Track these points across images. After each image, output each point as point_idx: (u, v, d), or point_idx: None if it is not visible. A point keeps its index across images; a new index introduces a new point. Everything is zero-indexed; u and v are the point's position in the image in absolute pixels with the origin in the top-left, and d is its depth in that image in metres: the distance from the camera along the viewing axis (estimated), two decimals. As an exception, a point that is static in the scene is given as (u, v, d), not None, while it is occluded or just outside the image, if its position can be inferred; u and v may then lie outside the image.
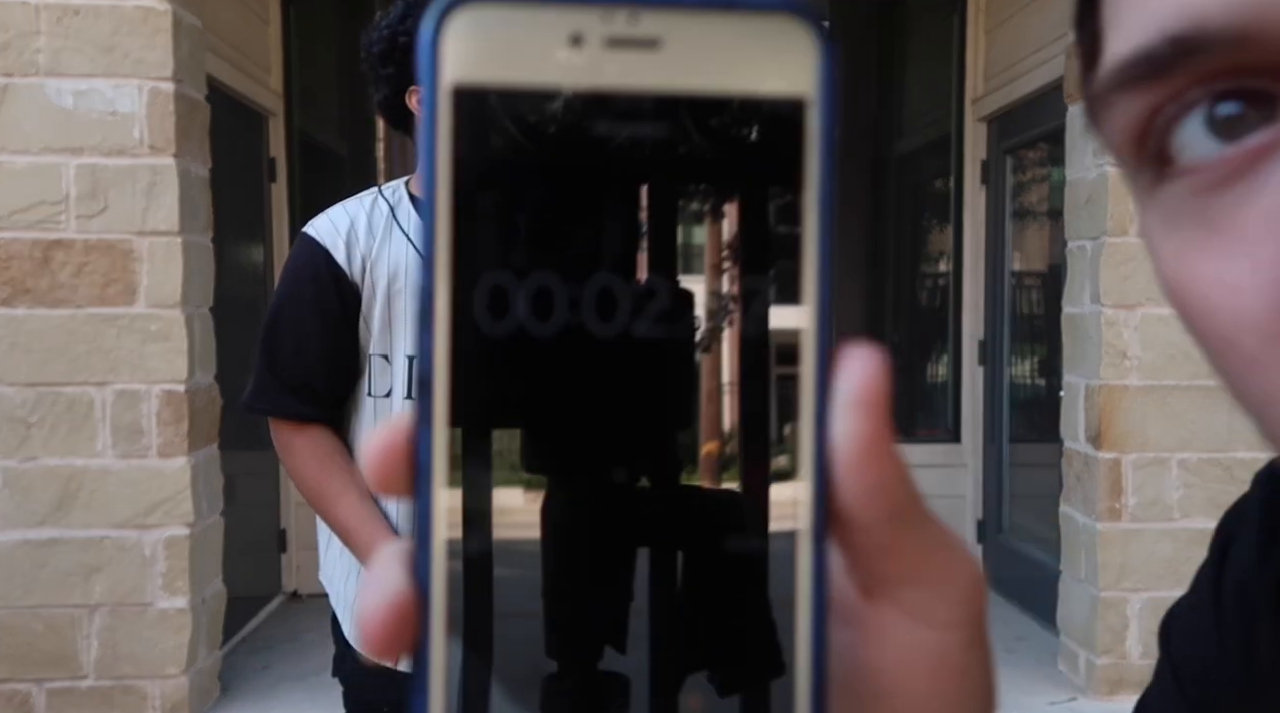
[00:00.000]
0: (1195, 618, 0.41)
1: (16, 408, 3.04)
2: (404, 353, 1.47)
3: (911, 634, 0.21)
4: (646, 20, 0.17)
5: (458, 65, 0.17)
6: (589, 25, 0.17)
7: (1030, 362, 4.56)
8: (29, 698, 3.09)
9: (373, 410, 1.51)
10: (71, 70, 3.01)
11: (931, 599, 0.21)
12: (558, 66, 0.17)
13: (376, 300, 1.48)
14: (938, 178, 4.95)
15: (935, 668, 0.21)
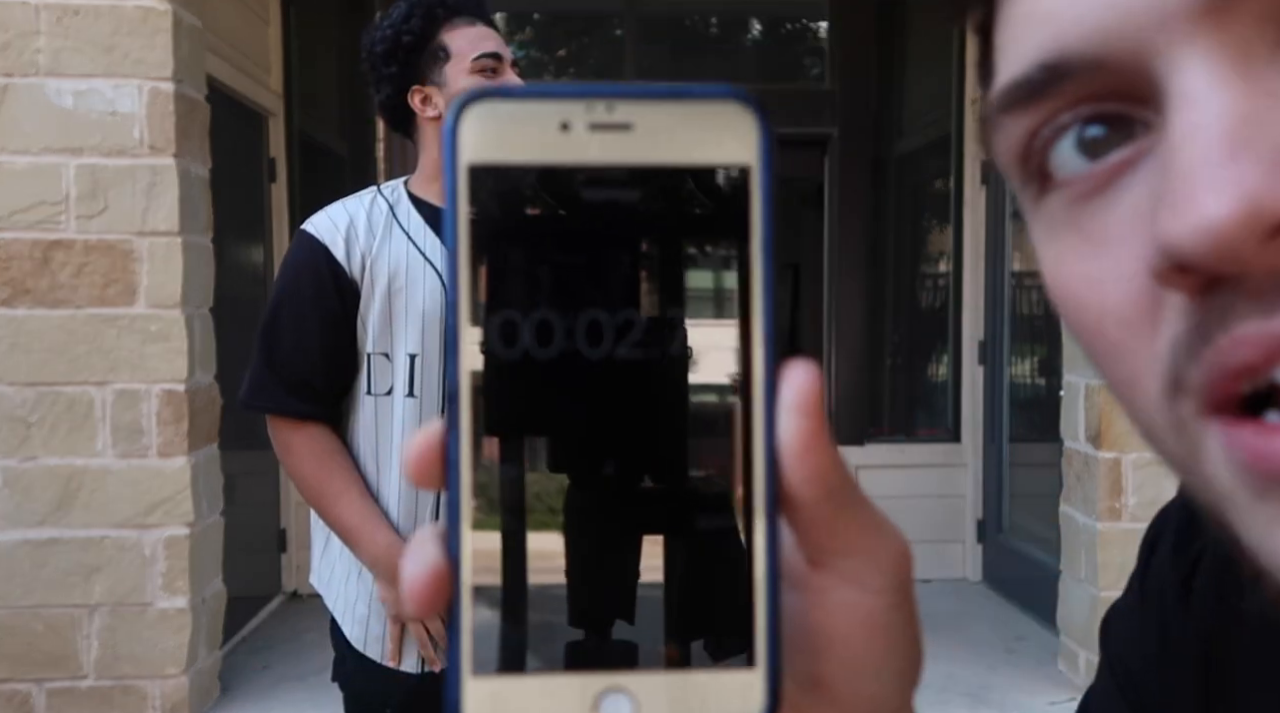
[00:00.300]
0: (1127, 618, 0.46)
1: (16, 408, 3.04)
2: (405, 351, 1.46)
3: (847, 597, 0.25)
4: (620, 109, 0.22)
5: (472, 148, 0.21)
6: (575, 114, 0.21)
7: (1030, 362, 4.56)
8: (29, 698, 3.09)
9: (373, 409, 1.49)
10: (71, 70, 3.01)
11: (863, 568, 0.26)
12: (551, 147, 0.21)
13: (375, 298, 1.47)
14: (938, 178, 4.95)
15: (866, 625, 0.25)
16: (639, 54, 4.91)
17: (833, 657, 0.26)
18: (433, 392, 1.47)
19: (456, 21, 1.52)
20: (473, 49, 1.51)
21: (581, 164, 0.21)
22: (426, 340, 1.46)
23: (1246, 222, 0.21)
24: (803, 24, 5.19)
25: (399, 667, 1.50)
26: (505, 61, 1.53)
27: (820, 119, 4.77)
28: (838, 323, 4.79)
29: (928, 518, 4.79)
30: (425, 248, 1.50)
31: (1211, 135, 0.22)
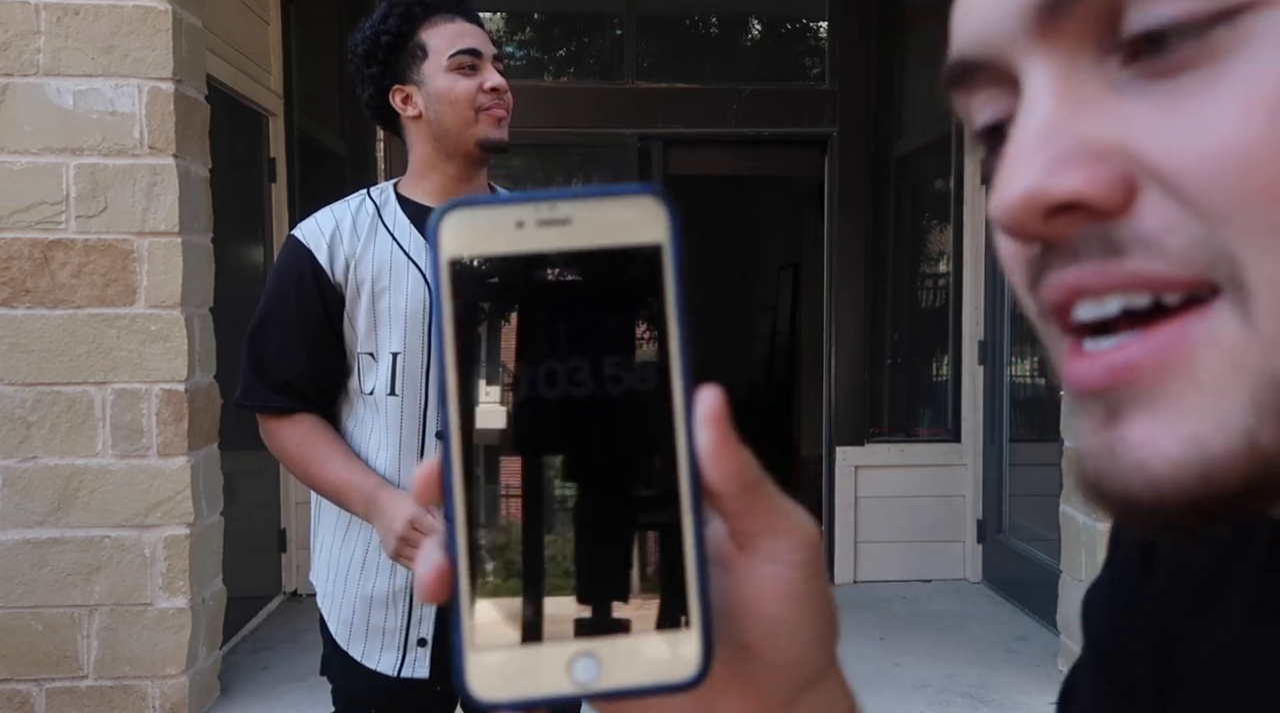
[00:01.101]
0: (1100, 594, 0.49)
1: (16, 408, 3.04)
2: (389, 350, 1.48)
3: (768, 571, 0.30)
4: (561, 207, 0.28)
5: (451, 246, 0.28)
6: (527, 214, 0.28)
7: (1030, 362, 4.56)
8: (29, 698, 3.09)
9: (363, 407, 1.51)
10: (71, 70, 3.01)
11: (779, 547, 0.30)
12: (511, 240, 0.28)
13: (361, 300, 1.48)
14: (938, 178, 4.95)
15: (786, 594, 0.30)
16: (639, 54, 4.91)
17: (760, 623, 0.31)
18: (415, 390, 1.48)
19: (435, 19, 1.53)
20: (449, 46, 1.51)
21: (534, 252, 0.28)
22: (409, 339, 1.47)
23: (1024, 204, 0.28)
24: (803, 24, 5.19)
25: (376, 667, 1.52)
26: (485, 57, 1.53)
27: (820, 119, 4.76)
28: (838, 323, 4.79)
29: (928, 518, 4.79)
30: (409, 248, 1.51)
31: (1025, 135, 0.29)
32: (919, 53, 5.02)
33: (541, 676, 0.27)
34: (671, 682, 0.28)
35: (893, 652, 3.85)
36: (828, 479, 4.80)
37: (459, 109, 1.51)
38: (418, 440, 1.49)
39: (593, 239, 0.28)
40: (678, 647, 0.28)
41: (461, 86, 1.50)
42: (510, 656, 0.27)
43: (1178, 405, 0.27)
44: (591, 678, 0.28)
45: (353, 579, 1.54)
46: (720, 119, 4.76)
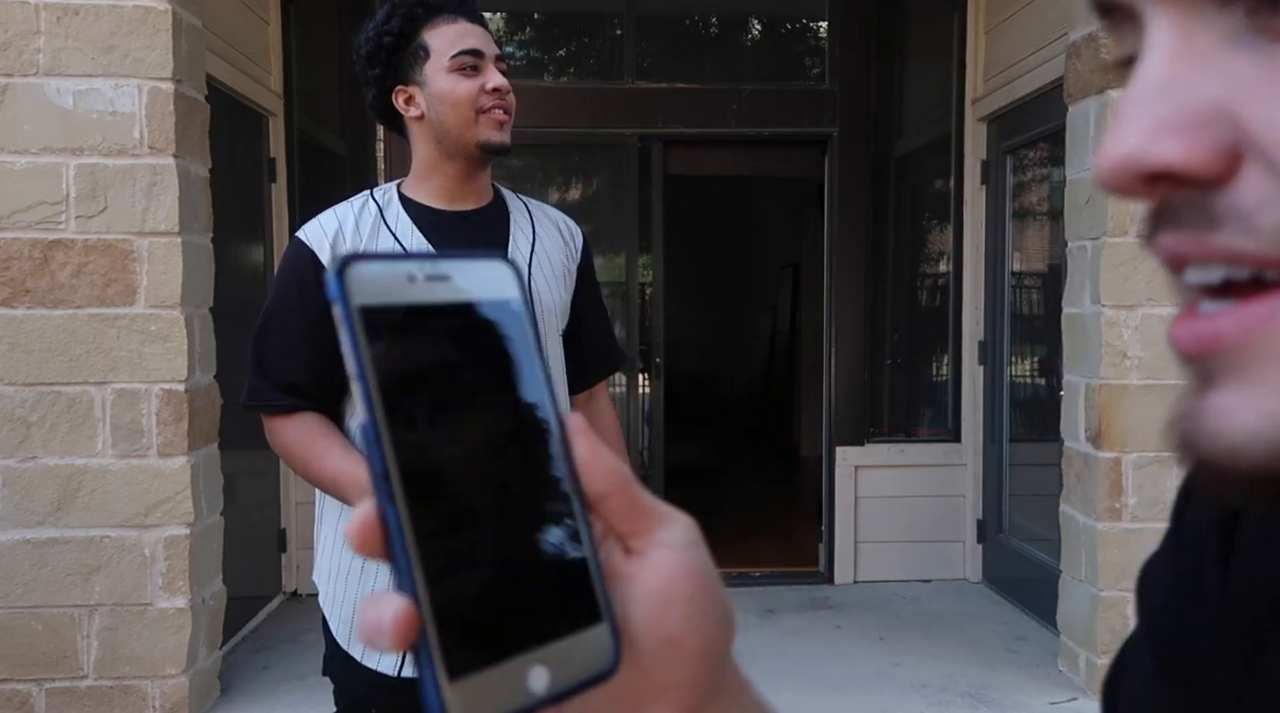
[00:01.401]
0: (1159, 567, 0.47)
1: (16, 408, 3.04)
2: None
3: (666, 557, 0.33)
4: (442, 266, 0.32)
5: (358, 295, 0.30)
6: (417, 270, 0.32)
7: (1030, 362, 4.56)
8: (29, 698, 3.09)
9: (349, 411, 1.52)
10: (71, 70, 3.01)
11: (670, 533, 0.34)
12: (405, 291, 0.31)
13: None
14: (938, 178, 4.95)
15: (690, 573, 0.33)
16: (639, 54, 4.91)
17: (676, 609, 0.33)
18: None
19: (437, 20, 1.53)
20: (451, 47, 1.51)
21: (423, 301, 0.32)
22: None
23: (1122, 169, 0.28)
24: (803, 24, 5.19)
25: (377, 667, 1.52)
26: (487, 58, 1.53)
27: (820, 119, 4.76)
28: (838, 323, 4.79)
29: (928, 518, 4.78)
30: (411, 247, 1.51)
31: (1135, 91, 0.28)
32: (919, 53, 5.02)
33: (507, 694, 0.30)
34: (600, 671, 0.31)
35: (893, 652, 3.85)
36: (828, 479, 4.80)
37: (460, 110, 1.51)
38: None
39: (468, 292, 0.33)
40: (596, 641, 0.32)
41: (463, 88, 1.51)
42: (478, 681, 0.29)
43: (1261, 380, 0.27)
44: (544, 685, 0.30)
45: (353, 580, 1.54)
46: (720, 119, 4.76)
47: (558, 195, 5.11)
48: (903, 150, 5.02)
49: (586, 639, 0.31)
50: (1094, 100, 3.33)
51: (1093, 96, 3.33)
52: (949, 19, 4.76)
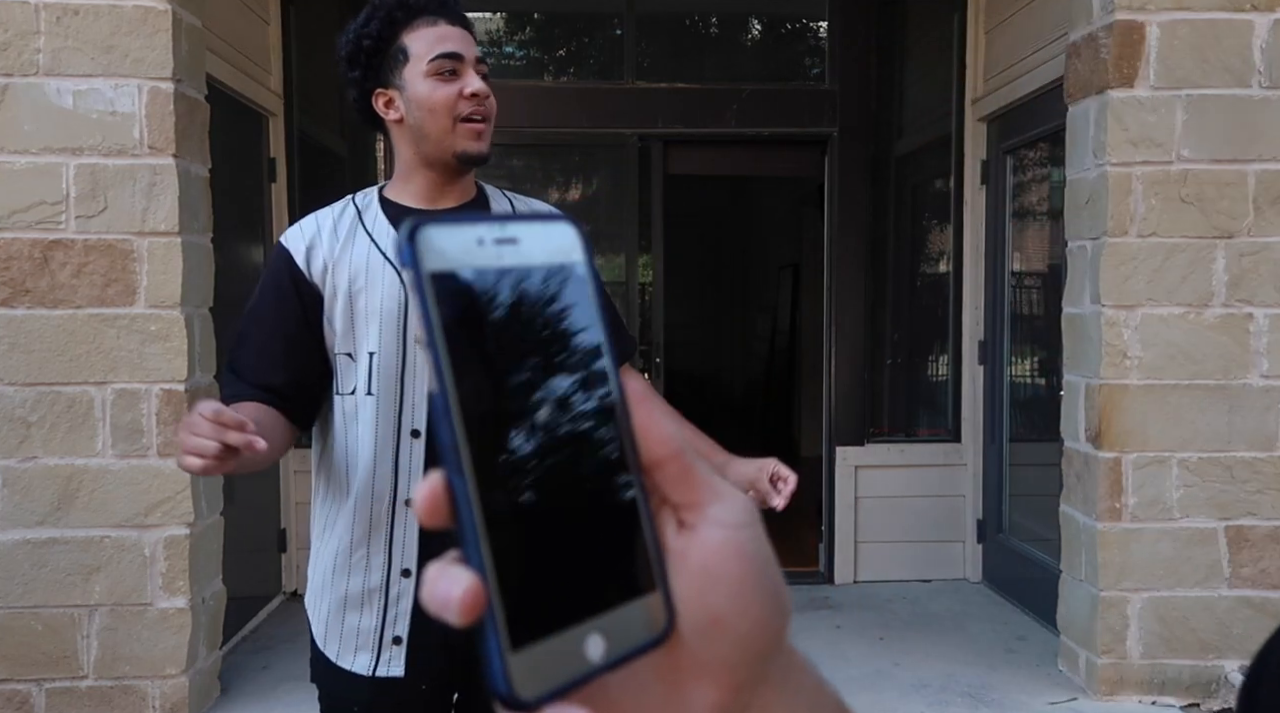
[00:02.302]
0: None
1: (16, 408, 3.04)
2: (366, 350, 1.48)
3: (717, 534, 0.33)
4: (510, 228, 0.32)
5: (429, 261, 0.30)
6: (486, 233, 0.31)
7: (1030, 362, 4.56)
8: (29, 698, 3.09)
9: (341, 409, 1.51)
10: (71, 70, 3.01)
11: (724, 510, 0.33)
12: (473, 255, 0.31)
13: (339, 301, 1.48)
14: (938, 178, 4.95)
15: (738, 554, 0.33)
16: (639, 54, 4.91)
17: (721, 588, 0.32)
18: (390, 389, 1.47)
19: (417, 23, 1.51)
20: (429, 50, 1.49)
21: (493, 264, 0.31)
22: (384, 338, 1.47)
23: None
24: (803, 24, 5.19)
25: (351, 667, 1.52)
26: (466, 61, 1.50)
27: (820, 119, 4.76)
28: (838, 323, 4.79)
29: (928, 518, 4.78)
30: (387, 249, 1.50)
31: None
32: (919, 53, 5.02)
33: (566, 663, 0.30)
34: (651, 639, 0.31)
35: (893, 652, 3.85)
36: (828, 479, 4.80)
37: (438, 117, 1.49)
38: (393, 440, 1.47)
39: (534, 255, 0.32)
40: (649, 609, 0.32)
41: (440, 93, 1.48)
42: (540, 651, 0.29)
43: None
44: (600, 653, 0.30)
45: (328, 580, 1.54)
46: (720, 119, 4.76)
47: (558, 195, 5.11)
48: (903, 150, 5.02)
49: (639, 608, 0.31)
50: (1094, 100, 3.33)
51: (1093, 96, 3.33)
52: (949, 19, 4.76)
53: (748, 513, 0.33)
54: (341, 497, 1.52)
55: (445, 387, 0.29)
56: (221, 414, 1.22)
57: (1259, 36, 3.24)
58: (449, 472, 0.29)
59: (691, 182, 5.61)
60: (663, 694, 0.33)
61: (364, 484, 1.48)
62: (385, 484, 1.48)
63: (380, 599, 1.50)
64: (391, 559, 1.49)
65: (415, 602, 1.49)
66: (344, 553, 1.51)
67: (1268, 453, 3.30)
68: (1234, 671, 3.32)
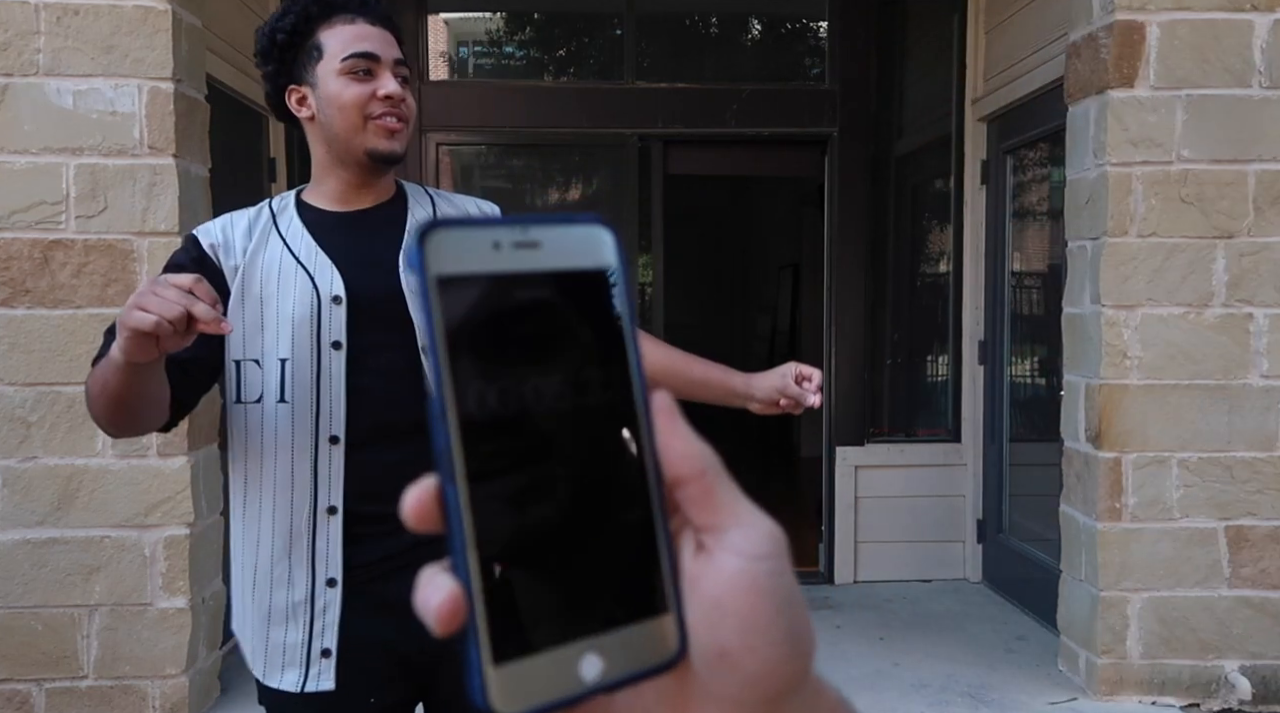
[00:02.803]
0: None
1: (16, 408, 3.04)
2: (276, 356, 1.43)
3: (733, 564, 0.30)
4: (532, 232, 0.30)
5: (435, 264, 0.29)
6: (502, 237, 0.30)
7: (1030, 362, 4.56)
8: (29, 698, 3.09)
9: (244, 418, 1.46)
10: (71, 70, 3.01)
11: (743, 540, 0.31)
12: (489, 259, 0.30)
13: (245, 304, 1.43)
14: (938, 178, 4.95)
15: (753, 589, 0.30)
16: (639, 54, 4.91)
17: (730, 622, 0.30)
18: (305, 397, 1.42)
19: (334, 19, 1.47)
20: (344, 49, 1.45)
21: (509, 271, 0.30)
22: (297, 344, 1.42)
23: None
24: (803, 24, 5.19)
25: (279, 685, 1.46)
26: (383, 62, 1.47)
27: (820, 119, 4.76)
28: (838, 323, 4.79)
29: (928, 518, 4.78)
30: (299, 252, 1.46)
31: None
32: (919, 53, 5.02)
33: (555, 680, 0.29)
34: (659, 664, 0.30)
35: (893, 652, 3.85)
36: (828, 479, 4.80)
37: (347, 115, 1.45)
38: (311, 447, 1.43)
39: (557, 260, 0.31)
40: (659, 631, 0.30)
41: (351, 92, 1.45)
42: (525, 666, 0.28)
43: None
44: (597, 674, 0.29)
45: (249, 597, 1.48)
46: (720, 119, 4.76)
47: (558, 195, 5.11)
48: (903, 150, 5.02)
49: (648, 630, 0.30)
50: (1094, 100, 3.33)
51: (1093, 96, 3.33)
52: (949, 19, 4.76)
53: (770, 544, 0.31)
54: (257, 510, 1.46)
55: (443, 394, 0.28)
56: (200, 282, 1.16)
57: (1259, 36, 3.24)
58: (441, 478, 0.29)
59: (691, 181, 5.61)
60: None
61: (282, 495, 1.43)
62: (305, 493, 1.43)
63: (306, 612, 1.45)
64: (315, 570, 1.44)
65: (343, 611, 1.44)
66: (264, 568, 1.46)
67: (1268, 453, 3.30)
68: (1234, 671, 3.33)
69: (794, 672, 0.31)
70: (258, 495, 1.45)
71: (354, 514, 1.45)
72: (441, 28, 5.02)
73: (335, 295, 1.44)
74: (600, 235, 0.32)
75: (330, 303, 1.43)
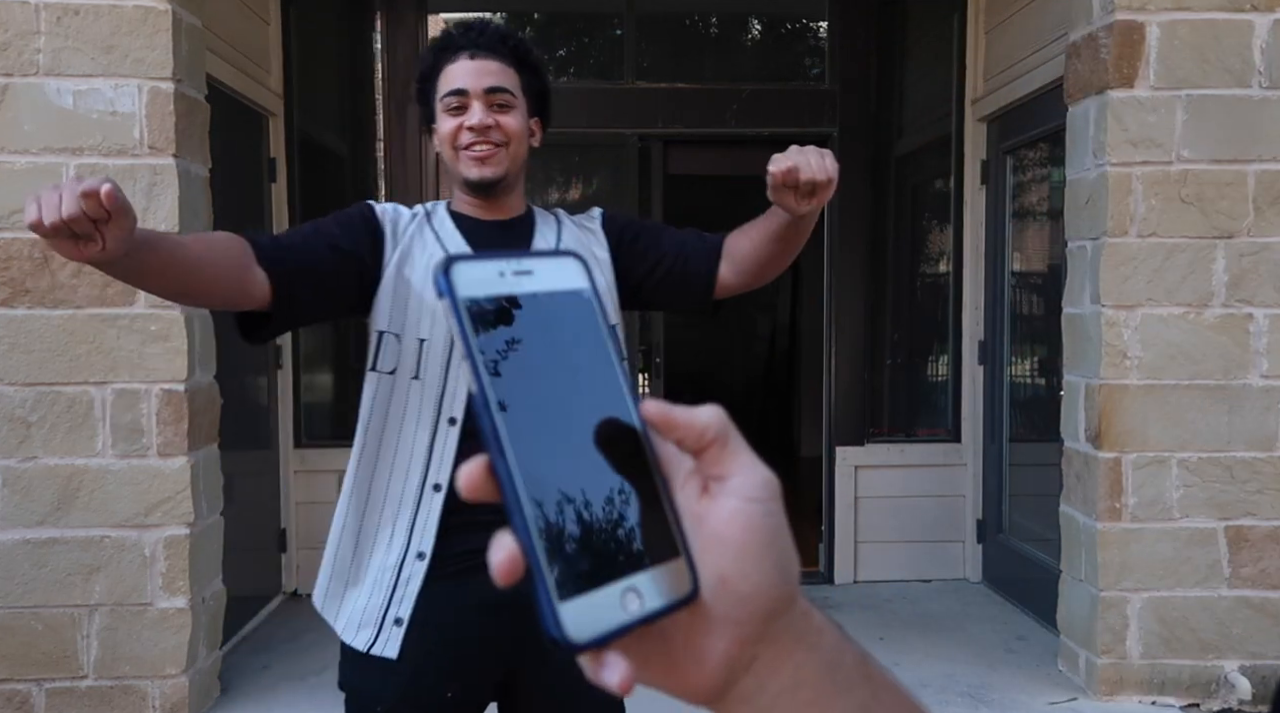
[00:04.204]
0: None
1: (16, 408, 3.04)
2: (415, 336, 1.53)
3: (730, 504, 0.37)
4: (525, 263, 0.39)
5: (461, 290, 0.37)
6: (504, 267, 0.38)
7: (1030, 362, 4.56)
8: (29, 698, 3.09)
9: (375, 385, 1.55)
10: (71, 70, 3.01)
11: (743, 483, 0.37)
12: (497, 284, 0.38)
13: (398, 282, 1.54)
14: (938, 178, 4.95)
15: (748, 525, 0.37)
16: (639, 54, 4.91)
17: (729, 553, 0.37)
18: (435, 377, 1.52)
19: (449, 60, 1.60)
20: (445, 87, 1.59)
21: (512, 293, 0.38)
22: (435, 329, 1.53)
23: None
24: (803, 24, 5.19)
25: (353, 642, 1.54)
26: (471, 94, 1.57)
27: (820, 119, 4.76)
28: (838, 323, 4.79)
29: (927, 518, 4.78)
30: (448, 245, 1.59)
31: None
32: (919, 53, 5.02)
33: (608, 613, 0.35)
34: (682, 598, 0.36)
35: (893, 652, 3.85)
36: (828, 479, 4.80)
37: (445, 149, 1.60)
38: (432, 424, 1.52)
39: (547, 284, 0.39)
40: (677, 572, 0.37)
41: (445, 127, 1.59)
42: (583, 603, 0.35)
43: None
44: (638, 607, 0.36)
45: (350, 551, 1.58)
46: (720, 119, 4.76)
47: (558, 195, 5.11)
48: (903, 150, 5.02)
49: (668, 570, 0.37)
50: (1094, 100, 3.33)
51: (1092, 96, 3.33)
52: (949, 19, 4.76)
53: (765, 489, 0.38)
54: (371, 473, 1.56)
55: (483, 387, 0.36)
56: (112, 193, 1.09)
57: (1259, 36, 3.24)
58: (491, 455, 0.36)
59: (691, 181, 5.61)
60: (683, 643, 0.37)
61: (401, 463, 1.53)
62: (418, 465, 1.52)
63: (391, 578, 1.53)
64: (411, 540, 1.52)
65: (423, 586, 1.52)
66: (370, 528, 1.55)
67: (1268, 453, 3.30)
68: (1234, 671, 3.33)
69: (782, 595, 0.37)
70: (374, 461, 1.55)
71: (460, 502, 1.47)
72: (442, 28, 5.02)
73: None
74: (575, 264, 0.41)
75: None
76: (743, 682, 0.38)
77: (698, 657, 0.37)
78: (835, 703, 0.39)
